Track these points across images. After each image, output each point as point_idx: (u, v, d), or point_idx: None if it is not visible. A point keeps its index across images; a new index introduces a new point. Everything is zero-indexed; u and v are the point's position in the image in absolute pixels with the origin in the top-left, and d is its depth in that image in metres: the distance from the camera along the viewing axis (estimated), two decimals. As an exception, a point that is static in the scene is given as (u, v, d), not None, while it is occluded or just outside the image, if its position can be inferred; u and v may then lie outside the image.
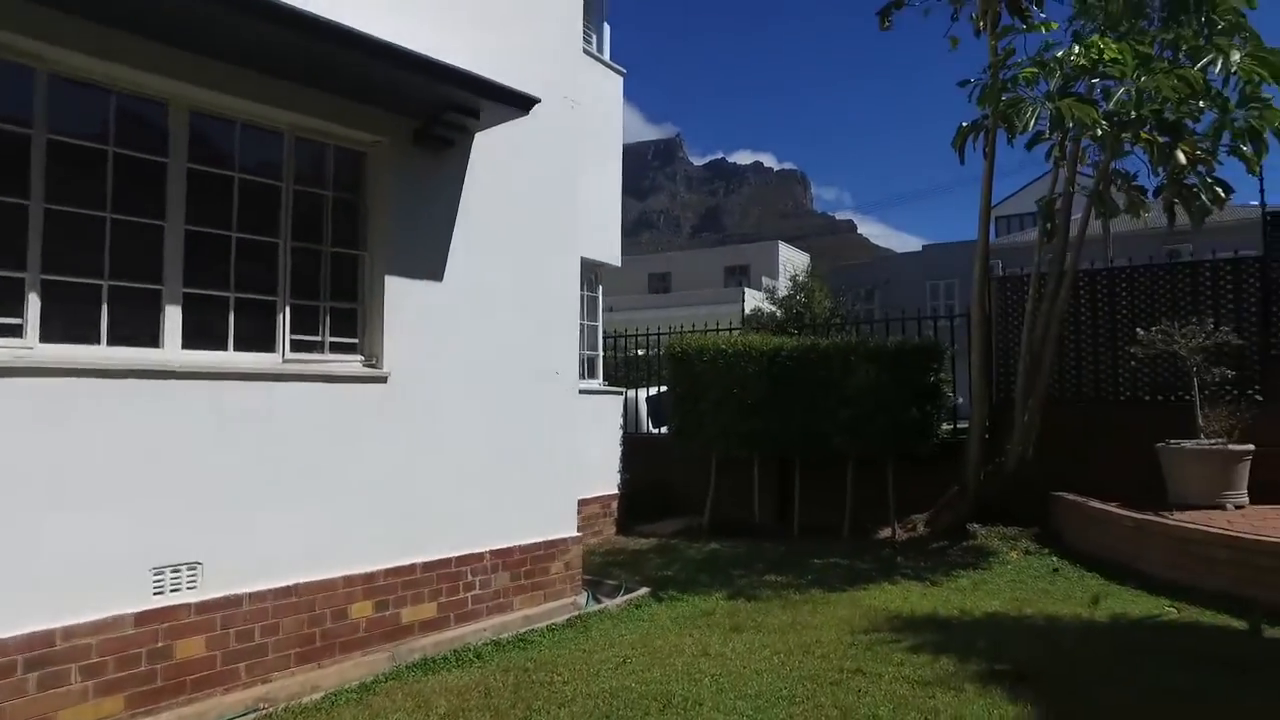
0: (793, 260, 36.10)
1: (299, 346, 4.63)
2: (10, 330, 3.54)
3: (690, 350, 8.94)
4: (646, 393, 11.38)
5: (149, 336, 3.99)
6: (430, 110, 4.91)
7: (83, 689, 3.51)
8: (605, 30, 9.42)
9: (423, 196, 5.15)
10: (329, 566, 4.49)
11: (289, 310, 4.55)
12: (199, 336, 4.16)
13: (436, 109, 4.88)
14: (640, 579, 6.75)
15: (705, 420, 8.81)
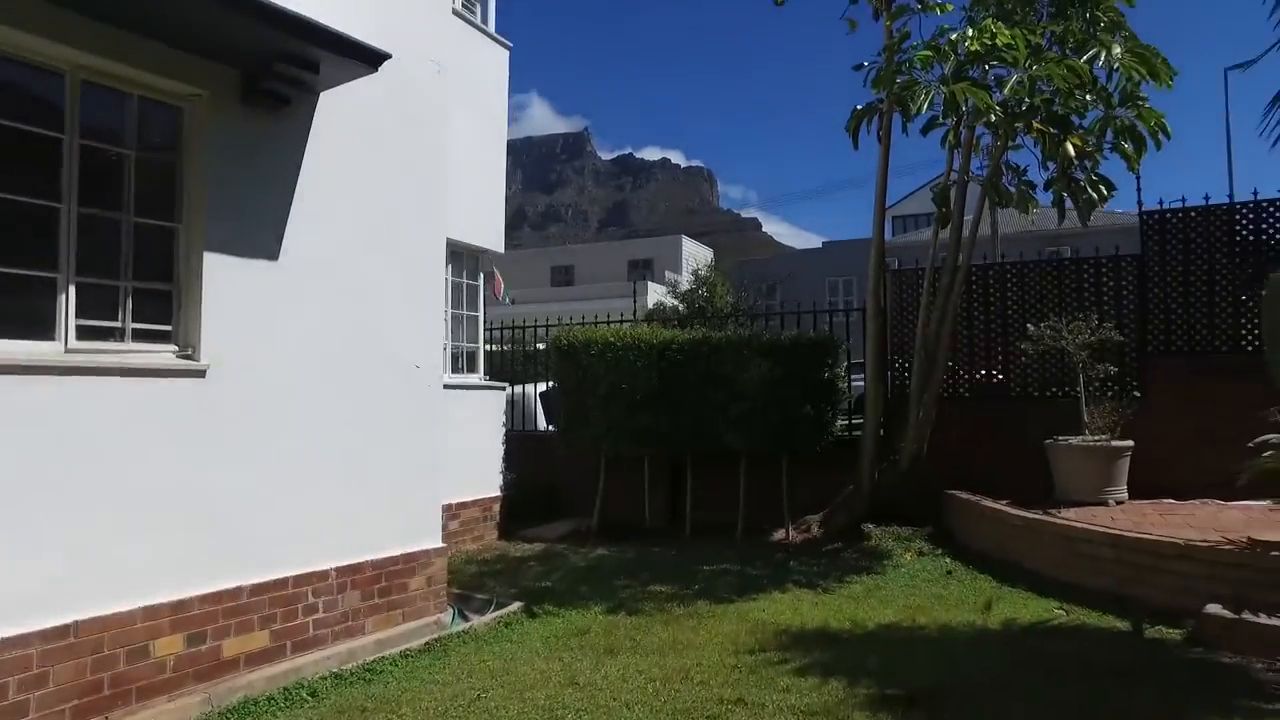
0: (696, 255, 36.10)
1: (91, 334, 3.88)
2: None
3: (576, 343, 8.43)
4: (540, 388, 10.82)
5: None
6: (258, 61, 4.21)
7: None
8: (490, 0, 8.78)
9: (255, 162, 4.45)
10: (124, 596, 3.77)
11: (74, 290, 3.79)
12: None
13: (265, 59, 4.19)
14: (516, 591, 6.20)
15: (592, 417, 8.33)
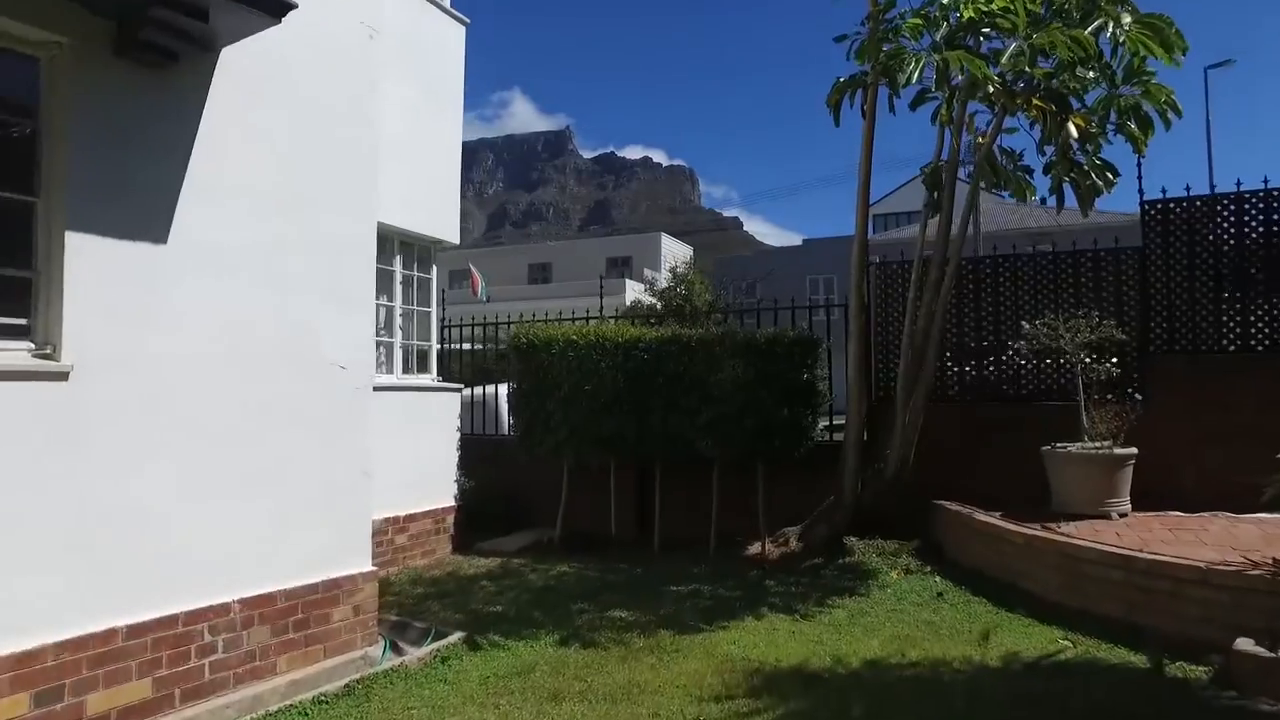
0: (675, 252, 35.50)
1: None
2: None
3: (536, 342, 7.79)
4: (508, 389, 10.14)
5: None
6: (130, 5, 3.54)
7: None
8: (446, -30, 8.11)
9: (135, 128, 3.79)
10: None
11: (-111, 274, 3.11)
12: None
13: (138, 3, 3.52)
14: (461, 617, 5.56)
15: (553, 421, 7.69)
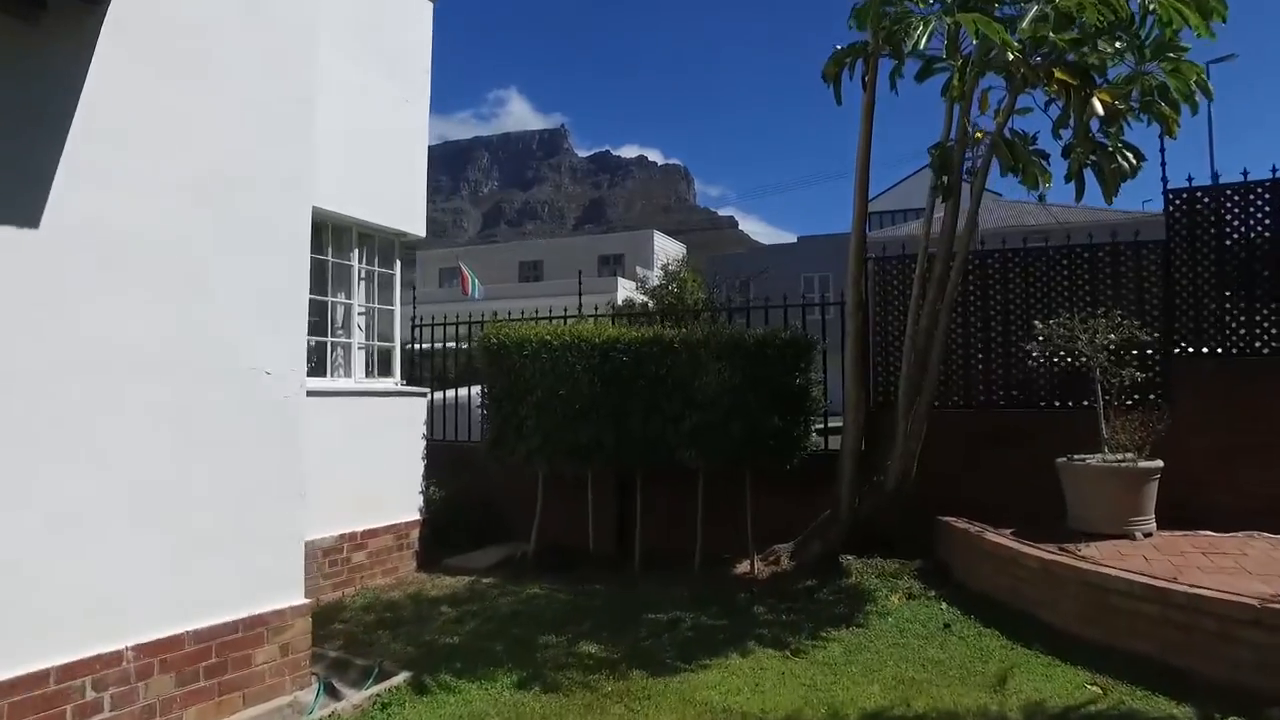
0: (668, 250, 34.94)
1: None
2: None
3: (508, 342, 7.17)
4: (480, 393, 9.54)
5: None
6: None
7: None
8: (410, -61, 7.48)
9: (-5, 85, 3.17)
10: None
11: None
12: None
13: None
14: (413, 651, 4.95)
15: (526, 427, 7.08)
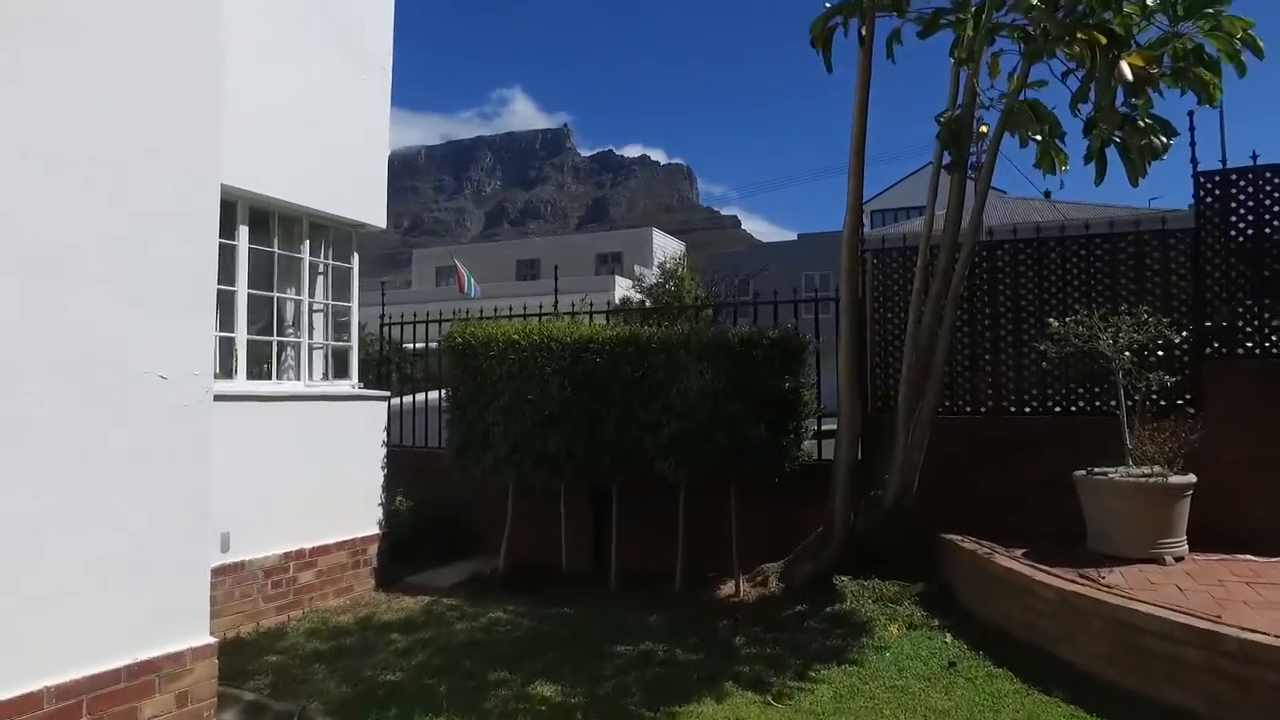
0: (666, 248, 34.36)
1: None
2: None
3: (474, 342, 6.58)
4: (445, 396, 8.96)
5: None
6: None
7: None
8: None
9: None
10: None
11: None
12: None
13: None
14: (348, 690, 4.36)
15: (493, 435, 6.49)
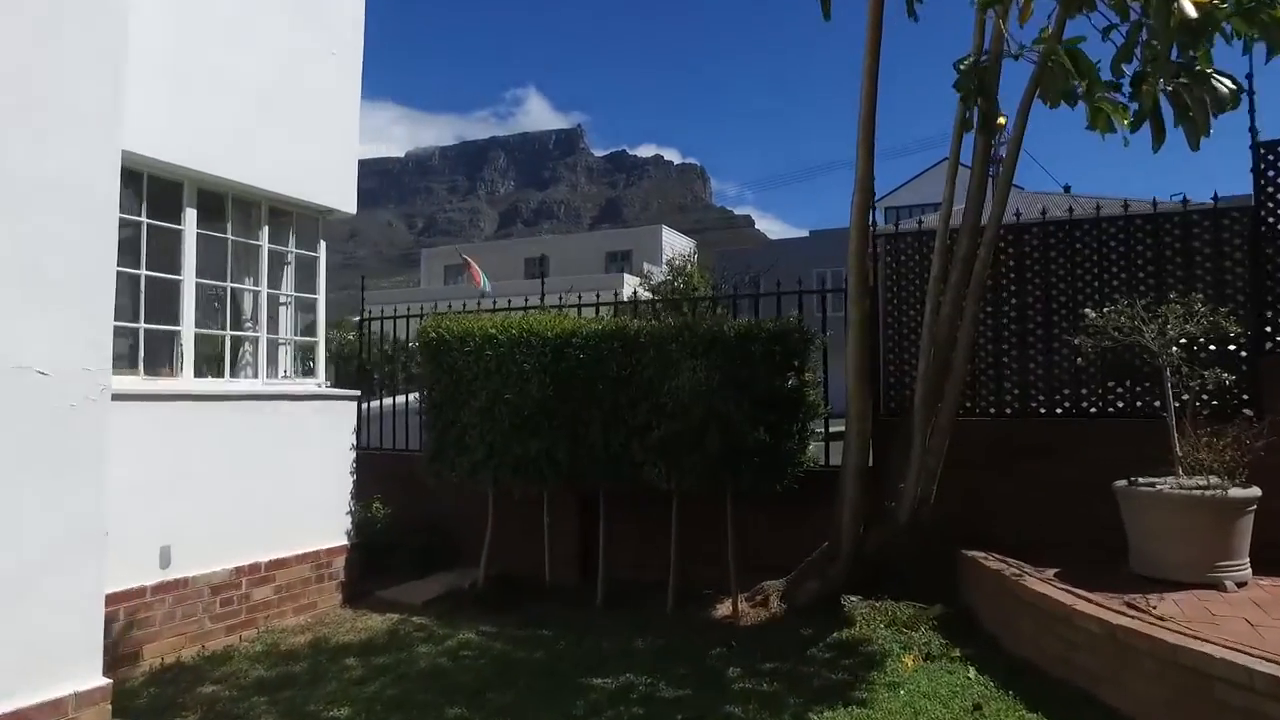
0: (676, 245, 33.75)
1: None
2: None
3: (449, 337, 6.03)
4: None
5: None
6: None
7: None
8: None
9: None
10: None
11: None
12: None
13: None
14: (280, 732, 3.80)
15: (469, 438, 5.94)
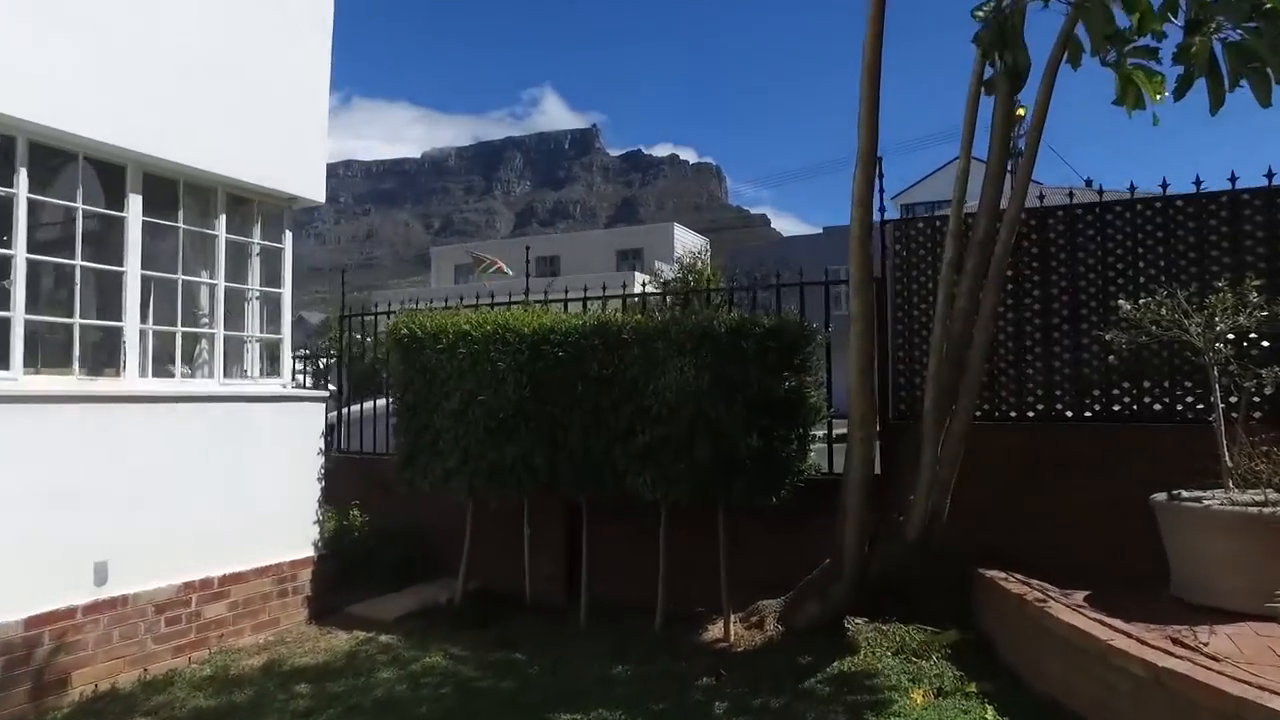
0: (687, 242, 33.23)
1: None
2: None
3: (421, 334, 5.58)
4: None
5: None
6: None
7: None
8: None
9: None
10: None
11: None
12: None
13: None
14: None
15: (443, 443, 5.49)
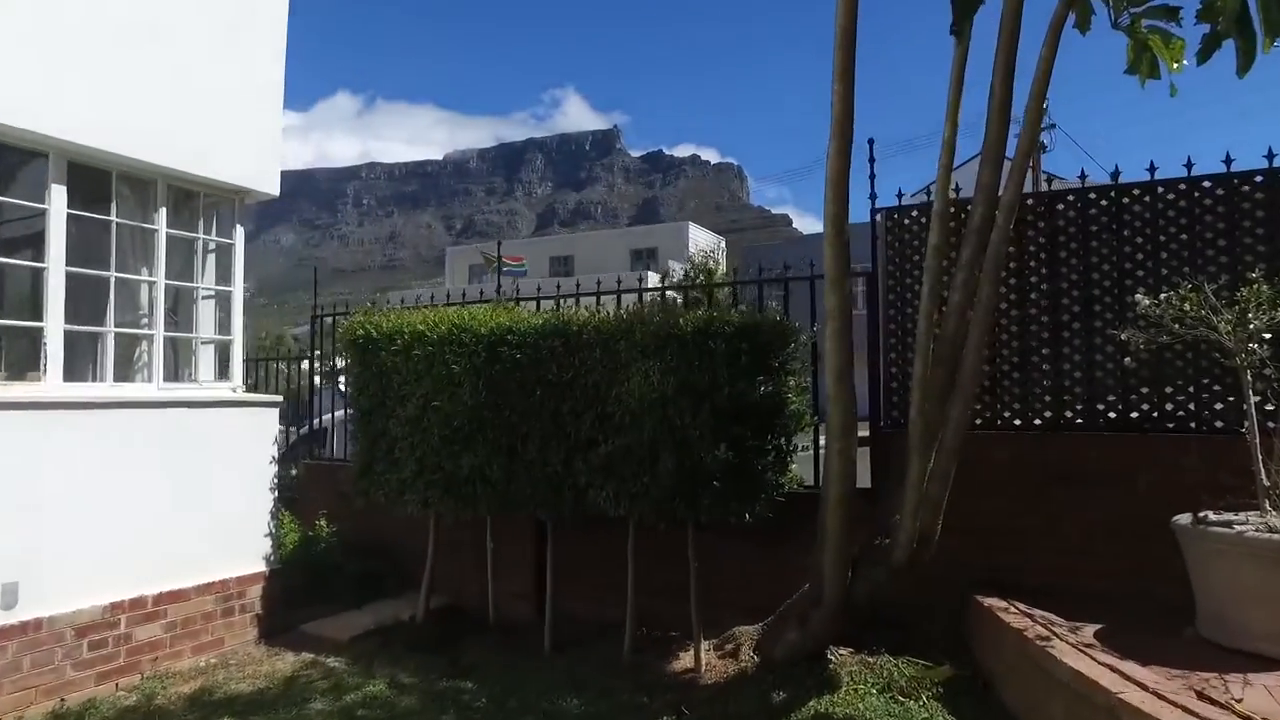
0: (700, 241, 32.77)
1: None
2: None
3: (377, 335, 5.19)
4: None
5: None
6: None
7: None
8: None
9: None
10: None
11: None
12: None
13: None
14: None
15: (399, 451, 5.10)
